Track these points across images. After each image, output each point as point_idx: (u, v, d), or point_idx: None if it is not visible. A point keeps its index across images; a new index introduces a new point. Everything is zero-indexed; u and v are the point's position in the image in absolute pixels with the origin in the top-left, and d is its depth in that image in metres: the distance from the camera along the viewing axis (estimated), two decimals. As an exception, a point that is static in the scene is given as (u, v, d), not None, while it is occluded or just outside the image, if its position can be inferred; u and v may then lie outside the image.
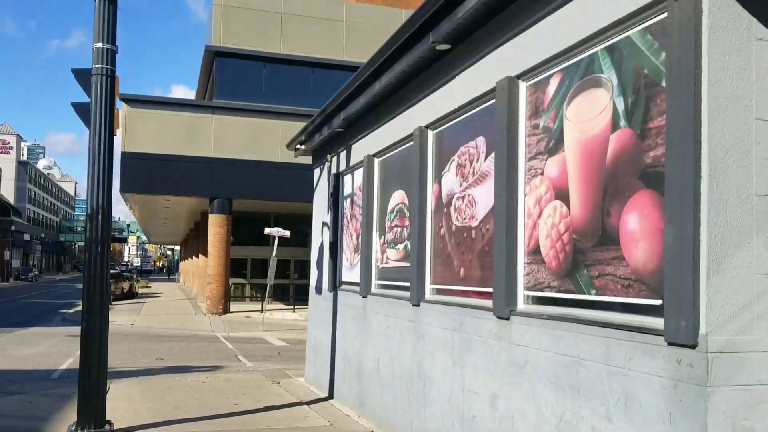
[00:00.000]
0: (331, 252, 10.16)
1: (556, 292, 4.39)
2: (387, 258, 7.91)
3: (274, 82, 30.45)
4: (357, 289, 8.81)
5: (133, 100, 26.77)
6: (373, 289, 8.31)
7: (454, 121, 6.13)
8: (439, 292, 6.43)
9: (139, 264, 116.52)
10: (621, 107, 3.79)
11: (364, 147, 8.70)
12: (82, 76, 7.37)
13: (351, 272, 9.46)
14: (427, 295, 6.55)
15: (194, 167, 27.40)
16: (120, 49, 7.28)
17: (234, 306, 30.02)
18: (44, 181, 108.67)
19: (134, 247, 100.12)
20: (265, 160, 28.27)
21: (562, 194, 4.35)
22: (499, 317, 4.92)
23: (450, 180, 6.16)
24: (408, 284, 7.01)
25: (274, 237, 24.33)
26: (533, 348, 4.46)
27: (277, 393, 10.33)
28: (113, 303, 34.25)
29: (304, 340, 22.38)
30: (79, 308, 32.26)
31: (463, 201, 5.84)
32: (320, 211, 11.22)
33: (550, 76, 4.53)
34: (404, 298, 7.01)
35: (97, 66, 7.10)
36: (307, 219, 34.58)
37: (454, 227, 6.02)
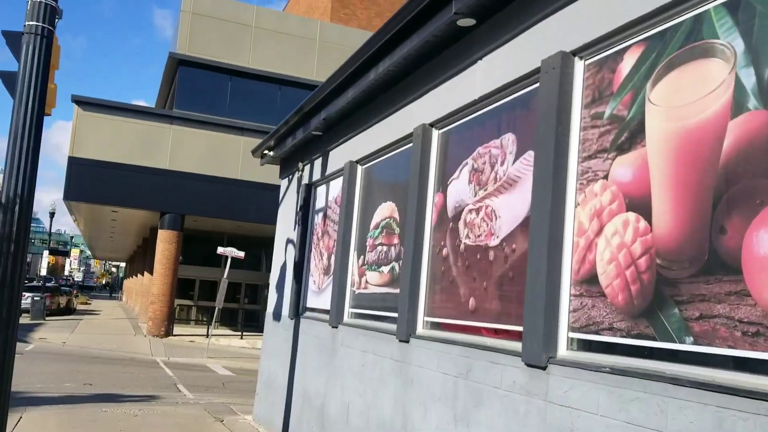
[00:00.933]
0: (296, 273, 8.87)
1: (623, 336, 3.23)
2: (366, 282, 6.68)
3: (239, 96, 29.12)
4: (325, 317, 7.54)
5: (85, 103, 25.06)
6: (347, 318, 7.05)
7: (470, 117, 5.01)
8: (436, 326, 5.22)
9: (81, 279, 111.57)
10: (750, 83, 2.71)
11: (345, 152, 7.52)
12: (13, 38, 6.04)
13: (319, 297, 8.18)
14: (420, 330, 5.33)
15: (147, 179, 25.72)
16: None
17: (178, 329, 28.07)
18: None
19: (76, 261, 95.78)
20: (223, 176, 26.81)
21: (638, 204, 3.23)
22: (530, 365, 3.74)
23: (459, 189, 5.01)
24: (394, 314, 5.79)
25: (226, 257, 22.78)
26: (585, 412, 3.28)
27: (220, 434, 8.90)
28: (47, 318, 31.85)
29: (251, 370, 20.77)
30: None
31: (478, 214, 4.69)
32: (286, 227, 9.94)
33: (625, 49, 3.46)
34: (388, 331, 5.78)
35: (30, 23, 5.78)
36: (262, 242, 32.95)
37: (462, 246, 4.86)
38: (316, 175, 8.61)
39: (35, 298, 31.53)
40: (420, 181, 5.43)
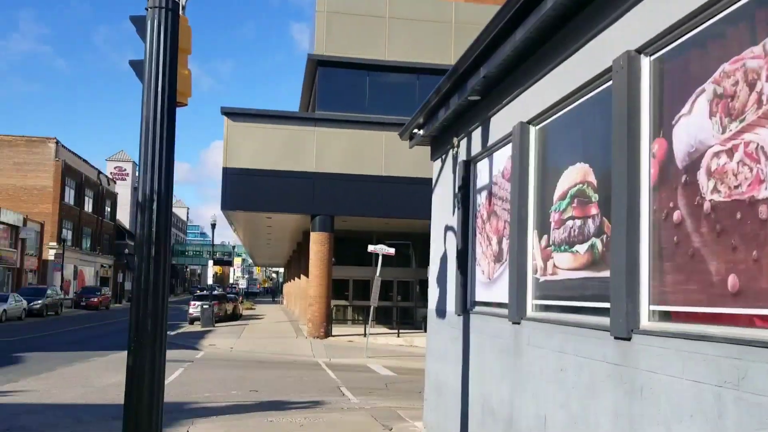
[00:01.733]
0: (460, 263, 7.78)
1: None
2: (555, 267, 5.44)
3: (378, 91, 28.70)
4: (502, 312, 6.38)
5: (234, 114, 25.79)
6: (530, 312, 5.85)
7: (702, 28, 3.64)
8: (669, 316, 3.89)
9: (245, 286, 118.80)
10: None
11: (512, 114, 6.32)
12: (140, 23, 5.51)
13: (490, 289, 7.04)
14: (645, 322, 4.02)
15: (296, 183, 25.98)
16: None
17: (336, 329, 28.18)
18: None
19: (239, 269, 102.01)
20: (368, 173, 26.46)
21: None
22: None
23: (694, 127, 3.66)
24: (601, 305, 4.52)
25: (377, 255, 22.28)
26: None
27: (391, 446, 8.04)
28: (216, 324, 33.45)
29: (412, 370, 20.02)
30: (182, 330, 31.66)
31: (731, 157, 3.32)
32: (442, 213, 8.89)
33: None
34: (595, 326, 4.52)
35: (152, -2, 5.18)
36: (411, 238, 32.31)
37: (708, 205, 3.50)
38: (476, 149, 7.47)
39: (204, 306, 33.23)
40: (629, 126, 4.11)
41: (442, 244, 8.78)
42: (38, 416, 9.62)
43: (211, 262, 37.11)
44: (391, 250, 22.49)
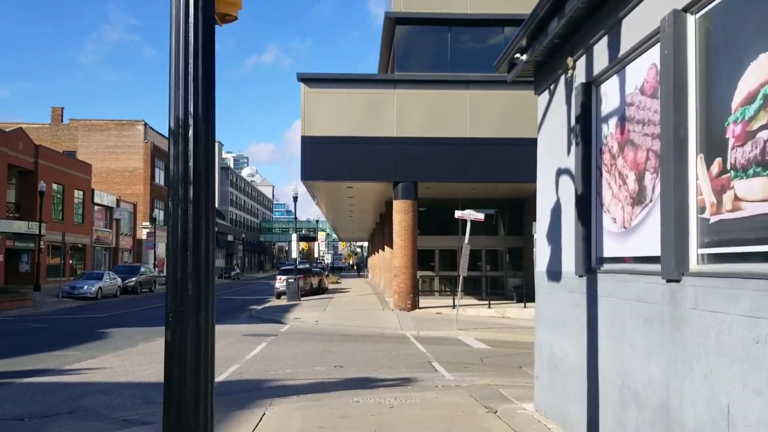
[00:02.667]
0: (580, 212, 6.28)
1: None
2: (736, 199, 3.90)
3: (460, 47, 26.95)
4: (648, 267, 4.89)
5: (310, 80, 24.78)
6: (696, 265, 4.33)
7: None
8: None
9: (330, 261, 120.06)
10: None
11: (655, 5, 4.74)
12: None
13: (625, 241, 5.53)
14: None
15: (376, 149, 24.80)
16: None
17: (423, 301, 26.99)
18: (245, 186, 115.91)
19: (324, 244, 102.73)
20: (451, 136, 24.92)
21: None
22: None
23: None
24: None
25: (465, 222, 20.86)
26: None
27: (499, 433, 6.71)
28: (301, 298, 33.07)
29: (507, 342, 18.55)
30: (268, 304, 31.48)
31: None
32: (552, 155, 7.37)
33: None
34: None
35: None
36: (497, 203, 30.51)
37: None
38: (600, 66, 5.91)
39: (290, 281, 32.88)
40: None
41: (553, 194, 7.27)
42: (107, 396, 8.93)
43: (294, 236, 36.69)
44: (480, 215, 20.99)
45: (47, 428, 7.06)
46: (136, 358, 12.69)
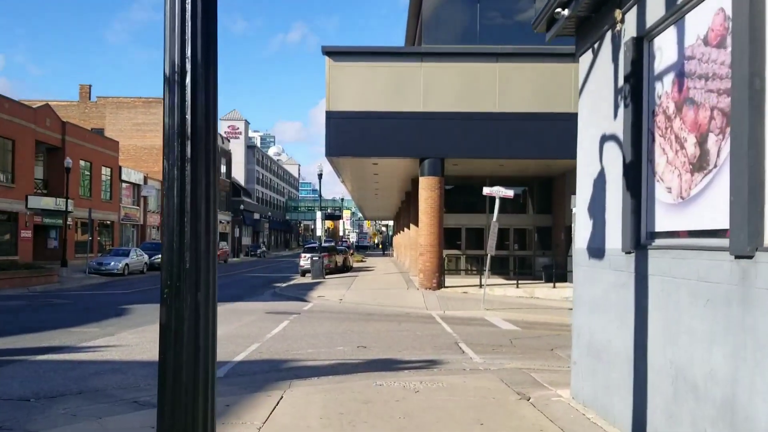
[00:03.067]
0: (629, 181, 5.65)
1: None
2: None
3: (490, 17, 26.03)
4: (712, 242, 4.27)
5: (335, 53, 24.14)
6: (775, 240, 3.70)
7: None
8: None
9: (355, 240, 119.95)
10: None
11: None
12: None
13: (681, 213, 4.91)
14: None
15: (402, 124, 24.15)
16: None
17: (449, 280, 26.45)
18: (270, 164, 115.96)
19: (348, 222, 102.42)
20: (479, 111, 24.14)
21: None
22: None
23: None
24: None
25: (493, 200, 20.20)
26: None
27: (535, 423, 6.18)
28: (326, 276, 32.78)
29: (536, 323, 17.97)
30: (293, 282, 31.27)
31: None
32: (596, 121, 6.72)
33: None
34: None
35: None
36: (526, 181, 29.67)
37: None
38: (653, 17, 5.24)
39: (314, 258, 32.57)
40: None
41: (596, 163, 6.63)
42: (120, 376, 8.57)
43: (319, 214, 36.29)
44: (510, 192, 20.30)
45: (52, 410, 6.71)
46: (154, 336, 12.38)
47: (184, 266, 3.24)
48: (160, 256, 26.89)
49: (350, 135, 24.14)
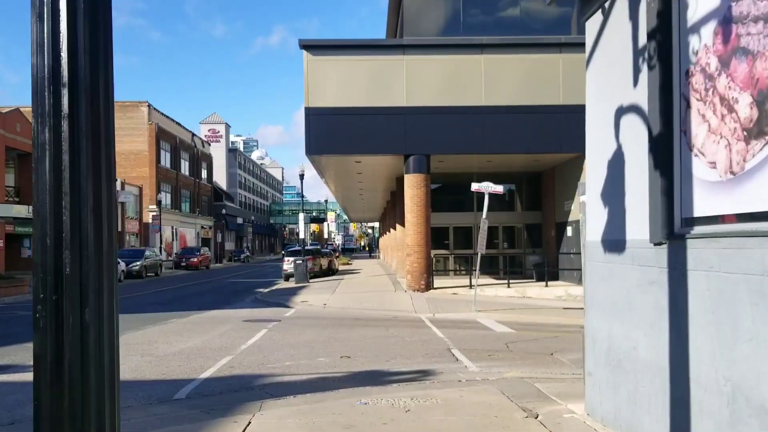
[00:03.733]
0: (658, 158, 4.68)
1: None
2: None
3: (475, 7, 25.12)
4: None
5: (314, 47, 23.11)
6: None
7: None
8: None
9: (341, 243, 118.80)
10: None
11: None
12: None
13: (730, 192, 3.95)
14: None
15: (385, 120, 23.17)
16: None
17: (437, 281, 25.46)
18: (253, 167, 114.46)
19: (333, 224, 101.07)
20: (465, 105, 23.22)
21: None
22: None
23: None
24: None
25: (482, 196, 19.29)
26: None
27: (547, 448, 5.20)
28: (310, 280, 31.68)
29: (531, 325, 17.04)
30: (276, 287, 30.12)
31: None
32: (609, 92, 5.75)
33: None
34: None
35: None
36: (513, 177, 28.76)
37: None
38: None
39: (297, 262, 31.47)
40: None
41: (611, 141, 5.66)
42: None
43: (302, 216, 35.19)
44: (499, 188, 19.39)
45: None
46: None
47: (61, 272, 2.19)
48: (138, 263, 25.53)
49: (331, 132, 23.12)
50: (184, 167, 70.80)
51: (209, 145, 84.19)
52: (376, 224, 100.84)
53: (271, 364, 9.69)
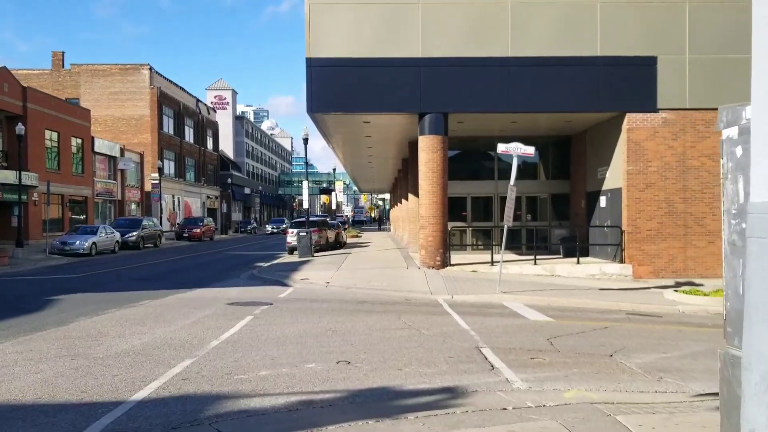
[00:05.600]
0: None
1: None
2: None
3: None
4: None
5: (316, -11, 20.19)
6: None
7: None
8: None
9: (351, 215, 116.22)
10: None
11: None
12: None
13: None
14: None
15: (397, 73, 20.33)
16: None
17: (454, 257, 22.78)
18: (261, 136, 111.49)
19: (342, 194, 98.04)
20: (490, 55, 20.31)
21: None
22: None
23: None
24: None
25: (503, 163, 16.54)
26: None
27: None
28: (315, 254, 29.16)
29: (566, 309, 14.31)
30: (277, 261, 27.45)
31: None
32: None
33: None
34: None
35: None
36: (539, 142, 25.53)
37: None
38: None
39: (301, 234, 28.90)
40: None
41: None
42: None
43: (305, 183, 32.49)
44: (530, 149, 16.62)
45: None
46: (47, 346, 8.70)
47: None
48: (134, 233, 22.66)
49: (336, 87, 20.32)
50: (189, 134, 68.10)
51: (215, 112, 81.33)
52: (387, 195, 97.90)
53: (241, 374, 7.09)
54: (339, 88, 20.31)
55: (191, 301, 13.71)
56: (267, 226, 30.29)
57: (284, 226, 64.37)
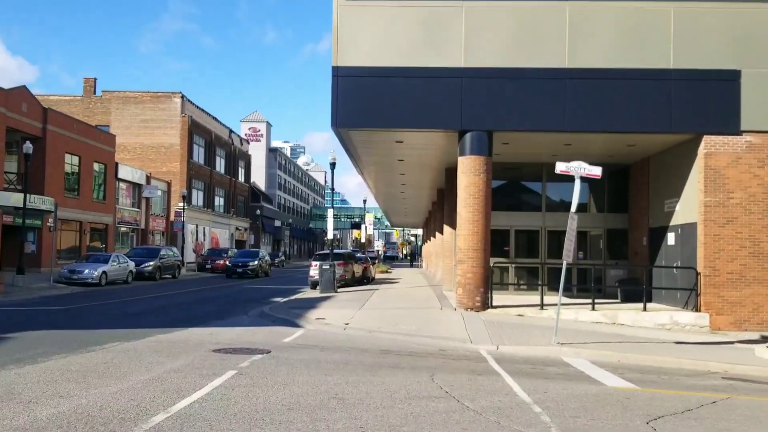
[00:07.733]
0: None
1: None
2: None
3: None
4: None
5: (345, -10, 17.78)
6: None
7: None
8: None
9: (382, 250, 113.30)
10: None
11: None
12: None
13: None
14: None
15: (435, 84, 17.66)
16: None
17: (495, 298, 19.58)
18: (294, 169, 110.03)
19: (371, 227, 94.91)
20: (542, 66, 17.53)
21: None
22: None
23: None
24: None
25: (573, 181, 13.72)
26: None
27: None
28: (338, 290, 26.34)
29: (647, 370, 9.94)
30: (297, 296, 24.39)
31: None
32: None
33: None
34: None
35: None
36: (608, 165, 22.35)
37: None
38: None
39: (324, 267, 26.10)
40: None
41: None
42: None
43: (330, 212, 29.86)
44: (597, 170, 13.70)
45: None
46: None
47: None
48: (150, 263, 19.51)
49: (365, 99, 17.73)
50: (219, 164, 66.53)
51: (248, 143, 79.99)
52: (419, 231, 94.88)
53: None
54: (369, 100, 17.72)
55: (169, 346, 10.89)
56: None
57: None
